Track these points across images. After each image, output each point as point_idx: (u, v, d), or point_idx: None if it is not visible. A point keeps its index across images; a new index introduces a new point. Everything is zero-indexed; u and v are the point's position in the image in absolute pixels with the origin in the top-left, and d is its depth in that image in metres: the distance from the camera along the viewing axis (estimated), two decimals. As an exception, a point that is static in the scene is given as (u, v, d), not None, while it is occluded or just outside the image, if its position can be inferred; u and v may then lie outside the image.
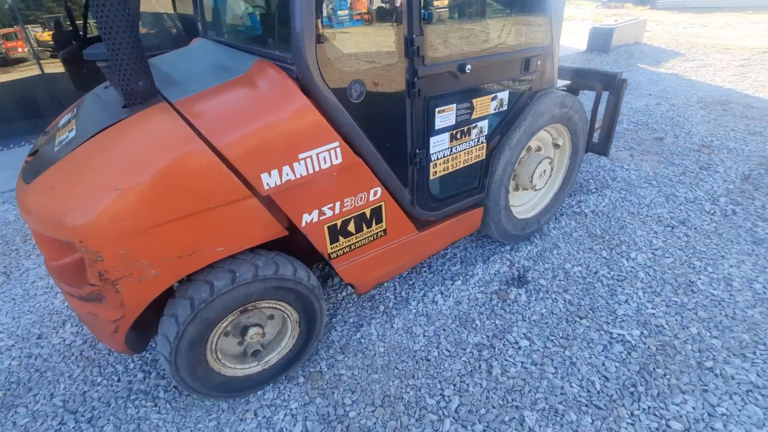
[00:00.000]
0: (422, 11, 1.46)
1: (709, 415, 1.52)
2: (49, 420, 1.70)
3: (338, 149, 1.45)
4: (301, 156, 1.37)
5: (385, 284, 2.28)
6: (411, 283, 2.28)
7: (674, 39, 9.09)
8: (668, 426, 1.49)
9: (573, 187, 3.04)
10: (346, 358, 1.86)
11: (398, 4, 1.43)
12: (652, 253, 2.40)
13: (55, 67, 5.14)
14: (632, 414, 1.54)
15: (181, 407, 1.69)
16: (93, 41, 5.87)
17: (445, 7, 1.72)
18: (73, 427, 1.66)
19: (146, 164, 1.16)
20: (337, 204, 1.56)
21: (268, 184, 1.33)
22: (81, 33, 5.51)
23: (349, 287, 2.26)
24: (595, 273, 2.27)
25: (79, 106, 1.66)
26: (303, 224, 1.50)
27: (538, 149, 2.44)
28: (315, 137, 1.39)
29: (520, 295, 2.15)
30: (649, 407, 1.56)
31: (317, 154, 1.40)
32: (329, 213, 1.55)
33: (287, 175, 1.36)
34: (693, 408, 1.54)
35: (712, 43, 8.50)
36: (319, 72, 1.33)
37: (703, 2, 15.51)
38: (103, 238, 1.14)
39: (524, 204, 2.54)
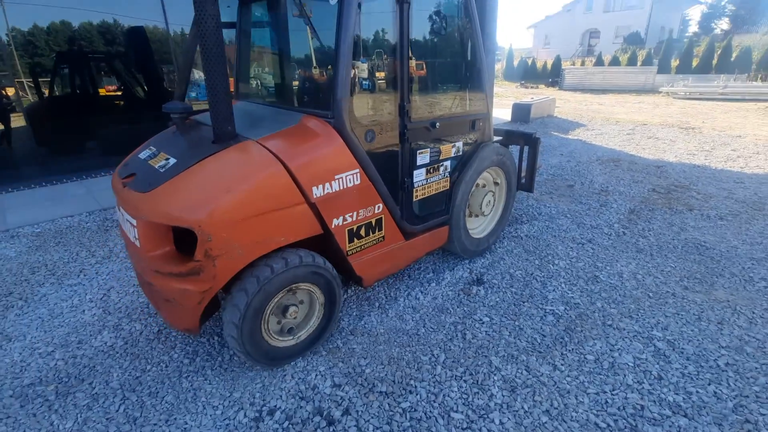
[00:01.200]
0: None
1: (609, 350, 2.25)
2: (110, 398, 2.02)
3: (358, 174, 2.14)
4: (336, 176, 2.04)
5: (377, 287, 2.87)
6: (397, 286, 2.90)
7: (578, 113, 11.19)
8: (585, 358, 2.19)
9: (510, 219, 3.92)
10: (356, 338, 2.39)
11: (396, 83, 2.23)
12: (570, 261, 3.24)
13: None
14: (562, 354, 2.23)
15: (229, 378, 2.11)
16: (61, 99, 6.15)
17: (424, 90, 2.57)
18: (136, 401, 2.00)
19: (247, 176, 1.77)
20: (354, 213, 2.21)
21: (316, 194, 1.97)
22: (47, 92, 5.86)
23: (352, 289, 2.82)
24: (531, 274, 3.05)
25: (157, 145, 2.21)
26: (333, 226, 2.12)
27: (484, 186, 3.28)
28: (345, 165, 2.07)
29: (480, 290, 2.85)
30: (572, 349, 2.26)
31: (345, 176, 2.08)
32: (349, 219, 2.19)
33: (327, 188, 2.01)
34: (600, 347, 2.27)
35: (606, 117, 10.61)
36: (349, 124, 2.05)
37: (599, 85, 18.96)
38: (214, 225, 1.69)
39: (477, 227, 3.33)
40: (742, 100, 13.62)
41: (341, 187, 2.07)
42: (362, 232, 2.29)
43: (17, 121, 5.41)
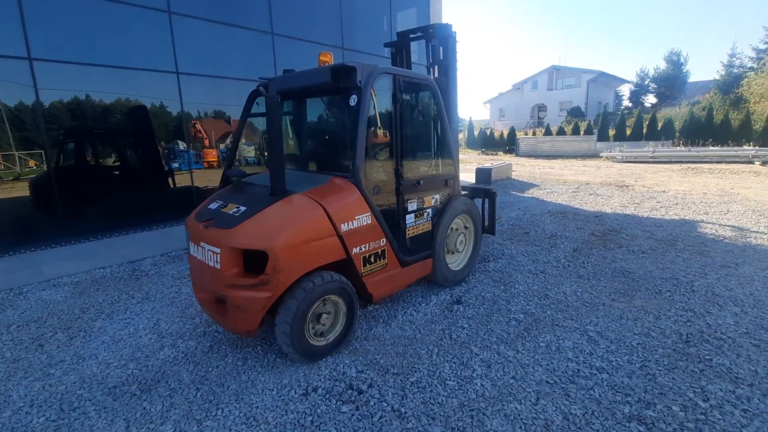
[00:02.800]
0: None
1: (556, 339, 3.08)
2: (186, 389, 2.62)
3: (369, 216, 3.02)
4: (355, 217, 2.91)
5: (379, 308, 3.63)
6: (395, 308, 3.67)
7: (532, 176, 12.77)
8: (539, 344, 3.00)
9: (480, 258, 4.83)
10: (368, 342, 3.11)
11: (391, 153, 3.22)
12: (527, 286, 4.14)
13: None
14: (522, 343, 3.03)
15: (277, 372, 2.76)
16: (68, 168, 6.67)
17: (411, 158, 3.57)
18: (208, 389, 2.61)
19: (301, 216, 2.61)
20: (367, 245, 3.05)
21: (343, 228, 2.82)
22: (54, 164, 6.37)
23: (360, 310, 3.55)
24: (498, 296, 3.90)
25: (223, 199, 3.02)
26: (353, 253, 2.94)
27: (457, 229, 4.22)
28: (360, 209, 2.95)
29: (459, 308, 3.66)
30: (530, 340, 3.07)
31: (361, 217, 2.95)
32: (364, 249, 3.03)
33: (350, 225, 2.87)
34: (549, 338, 3.09)
35: (556, 178, 12.19)
36: (364, 181, 2.97)
37: (549, 152, 21.31)
38: (280, 248, 2.49)
39: (454, 262, 4.21)
40: (668, 162, 15.88)
41: (359, 225, 2.94)
42: (372, 259, 3.12)
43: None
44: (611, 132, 23.07)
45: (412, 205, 3.46)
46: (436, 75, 4.22)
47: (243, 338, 3.19)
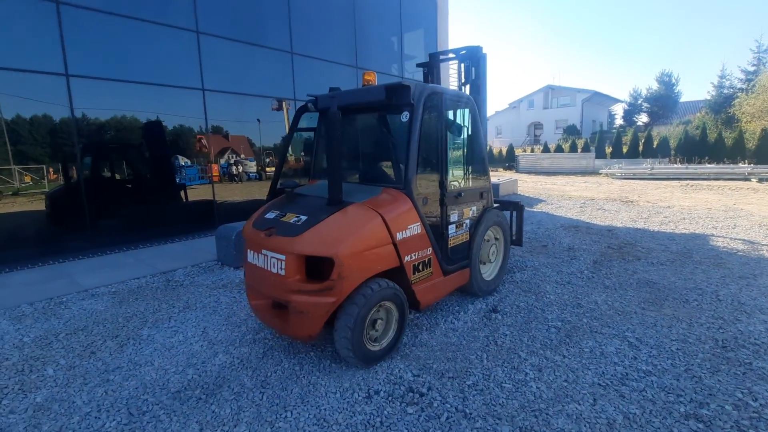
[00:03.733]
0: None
1: (598, 345, 3.19)
2: (251, 393, 2.69)
3: (419, 225, 3.15)
4: (408, 226, 3.04)
5: (420, 317, 3.73)
6: (435, 317, 3.77)
7: (537, 191, 13.02)
8: (583, 350, 3.12)
9: (507, 270, 4.97)
10: (417, 348, 3.20)
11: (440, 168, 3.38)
12: (557, 295, 4.26)
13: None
14: (567, 348, 3.14)
15: (335, 376, 2.84)
16: (96, 181, 6.77)
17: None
18: (272, 393, 2.68)
19: (362, 225, 2.74)
20: (416, 253, 3.18)
21: (398, 237, 2.94)
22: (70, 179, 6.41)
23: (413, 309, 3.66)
24: (532, 305, 4.02)
25: (279, 209, 3.14)
26: (405, 261, 3.07)
27: (488, 240, 4.37)
28: (412, 219, 3.09)
29: (497, 316, 3.77)
30: (573, 345, 3.18)
31: (413, 227, 3.09)
32: (414, 257, 3.15)
33: (404, 234, 3.00)
34: (592, 344, 3.21)
35: (560, 194, 12.44)
36: (415, 193, 3.12)
37: (548, 168, 21.66)
38: (345, 255, 2.61)
39: (487, 272, 4.34)
40: (667, 179, 16.26)
41: (411, 234, 3.07)
42: (420, 267, 3.24)
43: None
44: (608, 149, 23.60)
45: (453, 216, 3.61)
46: (468, 93, 4.43)
47: (295, 344, 3.27)
